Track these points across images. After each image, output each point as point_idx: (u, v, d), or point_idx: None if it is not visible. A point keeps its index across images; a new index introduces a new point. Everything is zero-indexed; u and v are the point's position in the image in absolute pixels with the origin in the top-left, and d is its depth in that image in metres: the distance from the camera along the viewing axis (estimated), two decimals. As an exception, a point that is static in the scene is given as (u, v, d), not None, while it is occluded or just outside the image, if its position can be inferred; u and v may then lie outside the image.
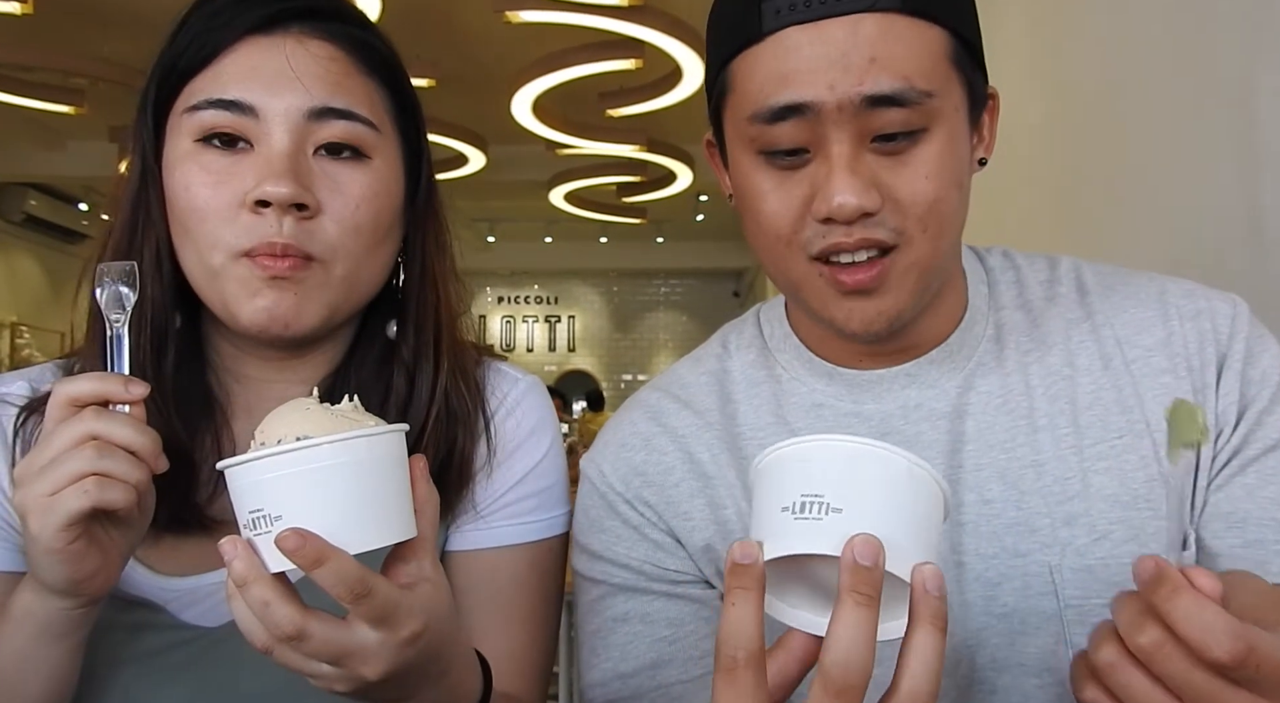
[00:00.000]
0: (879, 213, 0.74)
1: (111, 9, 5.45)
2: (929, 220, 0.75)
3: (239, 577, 0.59)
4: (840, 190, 0.72)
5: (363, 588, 0.58)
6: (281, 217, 0.77)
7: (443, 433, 0.88)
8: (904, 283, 0.76)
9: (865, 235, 0.74)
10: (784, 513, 0.58)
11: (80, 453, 0.64)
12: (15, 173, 8.43)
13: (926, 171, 0.74)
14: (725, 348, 0.95)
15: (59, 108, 6.03)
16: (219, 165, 0.79)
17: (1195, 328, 0.83)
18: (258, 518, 0.59)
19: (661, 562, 0.88)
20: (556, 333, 14.75)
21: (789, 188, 0.76)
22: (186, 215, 0.79)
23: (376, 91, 0.85)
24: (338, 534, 0.58)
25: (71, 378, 0.69)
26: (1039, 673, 0.79)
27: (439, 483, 0.88)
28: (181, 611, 0.83)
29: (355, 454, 0.60)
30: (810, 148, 0.75)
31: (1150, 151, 1.68)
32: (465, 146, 6.89)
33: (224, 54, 0.80)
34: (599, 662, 0.89)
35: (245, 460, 0.59)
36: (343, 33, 0.84)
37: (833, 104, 0.72)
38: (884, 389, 0.86)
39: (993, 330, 0.87)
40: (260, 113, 0.79)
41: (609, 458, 0.92)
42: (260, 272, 0.78)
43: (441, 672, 0.68)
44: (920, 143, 0.74)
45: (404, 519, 0.63)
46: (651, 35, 4.85)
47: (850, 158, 0.73)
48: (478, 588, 0.90)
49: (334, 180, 0.81)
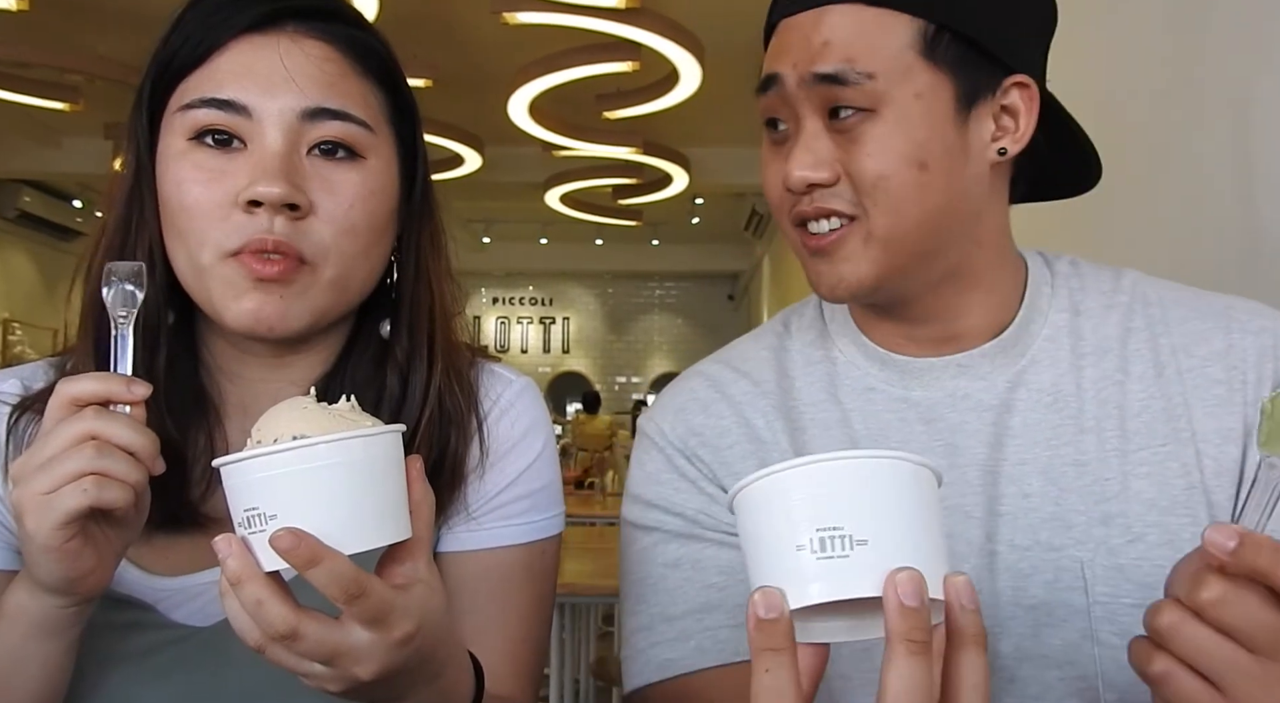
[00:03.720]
0: (837, 184, 0.81)
1: (108, 6, 5.43)
2: (877, 195, 0.80)
3: (233, 575, 0.58)
4: (794, 164, 0.82)
5: (357, 589, 0.58)
6: (273, 216, 0.77)
7: (435, 434, 0.87)
8: (864, 253, 0.82)
9: (821, 205, 0.82)
10: (801, 553, 0.53)
11: (80, 452, 0.64)
12: (9, 169, 8.41)
13: (870, 150, 0.80)
14: (786, 328, 0.99)
15: (54, 104, 6.03)
16: (212, 164, 0.78)
17: (1256, 343, 0.84)
18: (253, 516, 0.59)
19: (715, 513, 0.90)
20: (551, 334, 14.75)
21: (778, 160, 0.85)
22: (177, 213, 0.79)
23: (372, 92, 0.85)
24: (333, 534, 0.58)
25: (74, 377, 0.68)
26: (1060, 665, 0.80)
27: (431, 483, 0.88)
28: (172, 610, 0.82)
29: (352, 454, 0.59)
30: (786, 122, 0.85)
31: (1147, 161, 1.69)
32: (461, 147, 6.89)
33: (218, 53, 0.80)
34: (645, 607, 0.90)
35: (241, 458, 0.59)
36: (338, 32, 0.84)
37: (794, 79, 0.82)
38: (933, 377, 0.89)
39: (1049, 331, 0.89)
40: (254, 112, 0.78)
41: (668, 419, 0.95)
42: (248, 273, 0.77)
43: (434, 673, 0.68)
44: (868, 122, 0.80)
45: (400, 520, 0.62)
46: (648, 38, 4.86)
47: (809, 135, 0.82)
48: (470, 589, 0.89)
49: (327, 181, 0.80)
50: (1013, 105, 0.84)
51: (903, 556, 0.53)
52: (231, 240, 0.77)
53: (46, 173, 8.70)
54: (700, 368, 1.00)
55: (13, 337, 9.49)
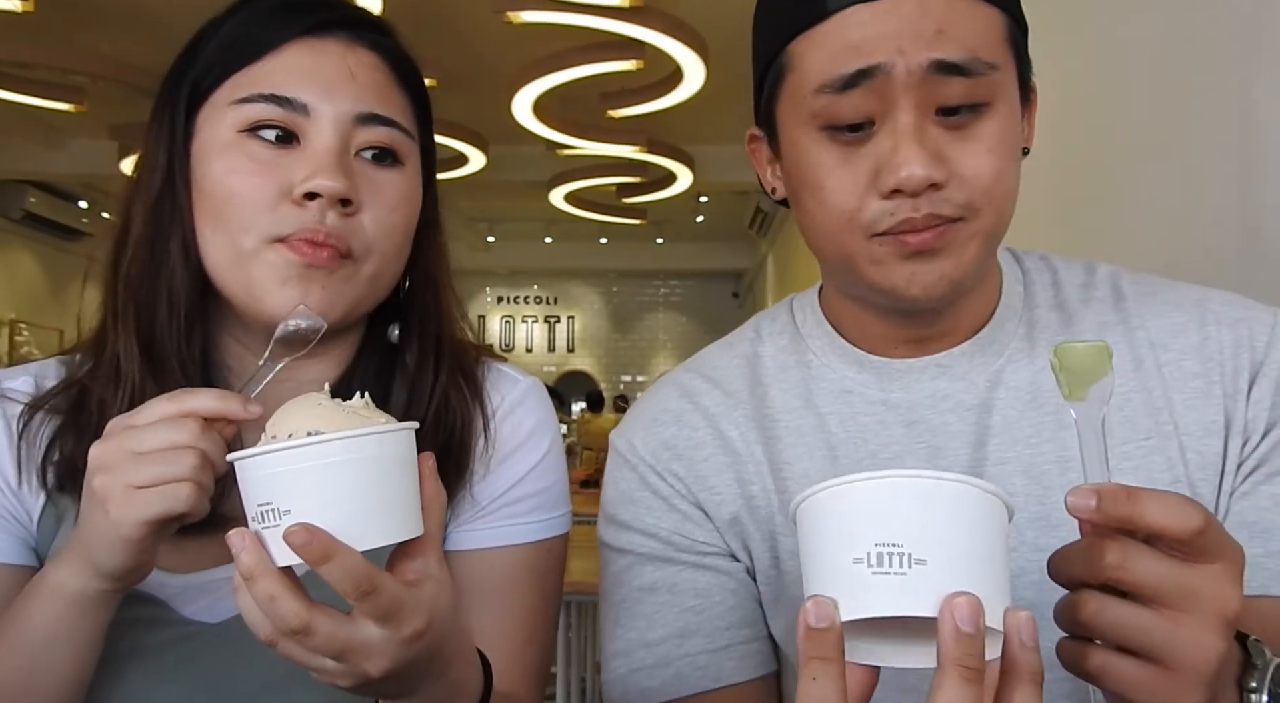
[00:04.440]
0: (945, 187, 0.74)
1: (112, 7, 5.44)
2: (994, 192, 0.76)
3: (246, 570, 0.59)
4: (908, 161, 0.73)
5: (369, 585, 0.59)
6: (326, 210, 0.80)
7: (441, 430, 0.89)
8: (967, 248, 0.77)
9: (933, 211, 0.74)
10: (857, 566, 0.52)
11: (185, 457, 0.67)
12: (14, 170, 8.42)
13: (990, 145, 0.75)
14: (758, 334, 0.97)
15: (59, 105, 6.03)
16: (265, 156, 0.81)
17: (1232, 334, 0.83)
18: (266, 511, 0.59)
19: (689, 533, 0.89)
20: (556, 333, 14.75)
21: (854, 163, 0.76)
22: (222, 201, 0.81)
23: (409, 103, 0.90)
24: (346, 530, 0.58)
25: (194, 392, 0.70)
26: (1051, 666, 0.79)
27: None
28: (183, 606, 0.83)
29: (366, 451, 0.60)
30: (876, 119, 0.75)
31: (1147, 155, 1.69)
32: (465, 146, 6.89)
33: (273, 53, 0.83)
34: (623, 631, 0.89)
35: (256, 453, 0.59)
36: (384, 44, 0.89)
37: (903, 67, 0.73)
38: (913, 378, 0.87)
39: (1025, 328, 0.88)
40: (312, 111, 0.82)
41: (639, 432, 0.93)
42: (296, 257, 0.80)
43: (443, 669, 0.68)
44: (983, 117, 0.75)
45: (411, 517, 0.63)
46: (652, 36, 4.86)
47: (916, 128, 0.74)
48: (476, 587, 0.90)
49: (374, 183, 0.84)
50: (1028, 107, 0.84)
51: (962, 580, 0.51)
52: (281, 227, 0.80)
53: (51, 174, 8.71)
54: (673, 376, 0.98)
55: (19, 337, 9.51)
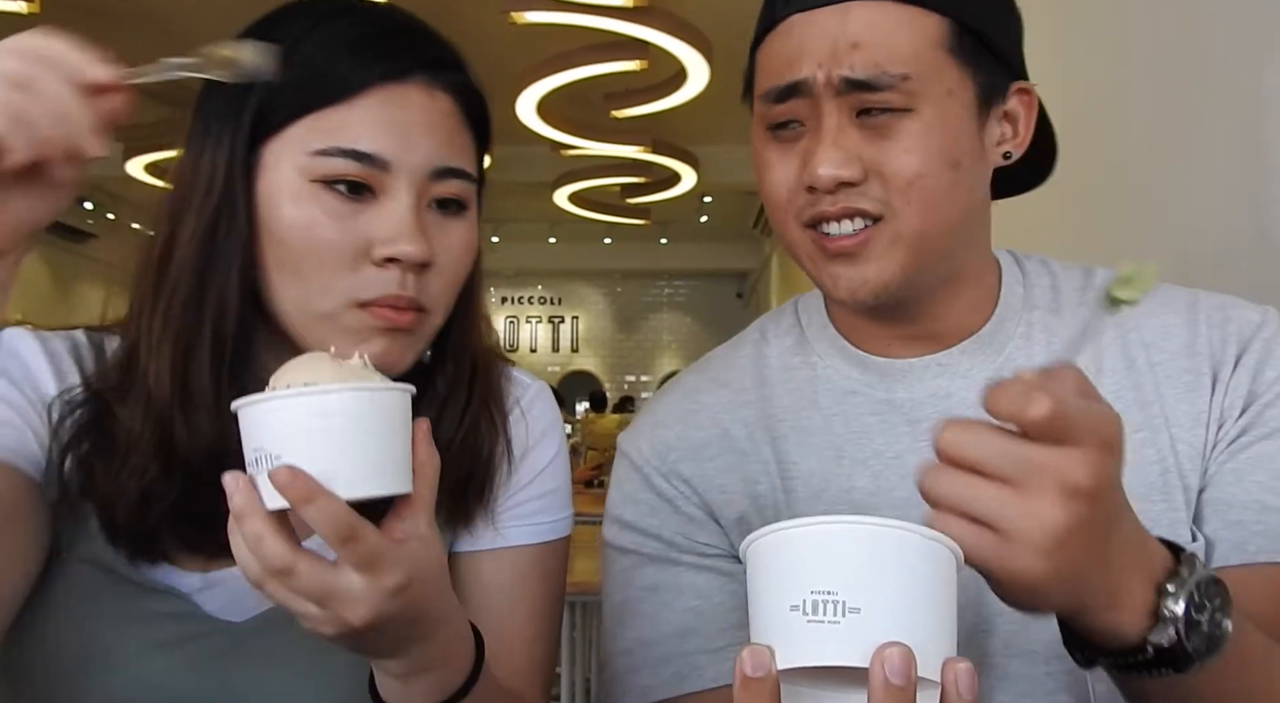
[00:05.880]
0: (862, 183, 0.79)
1: (118, 9, 5.45)
2: (911, 194, 0.79)
3: (237, 510, 0.61)
4: (821, 162, 0.78)
5: (349, 532, 0.60)
6: (406, 273, 0.79)
7: (468, 456, 0.89)
8: (891, 253, 0.80)
9: (848, 204, 0.79)
10: (793, 613, 0.52)
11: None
12: (21, 172, 8.44)
13: (907, 146, 0.78)
14: (763, 335, 0.98)
15: (65, 107, 6.04)
16: (341, 210, 0.79)
17: (1220, 333, 0.85)
18: (260, 457, 0.61)
19: (693, 535, 0.90)
20: (560, 333, 14.77)
21: (788, 160, 0.83)
22: (300, 255, 0.79)
23: (473, 142, 0.87)
24: (331, 478, 0.60)
25: None
26: (1048, 660, 0.80)
27: (459, 499, 0.89)
28: (207, 603, 0.83)
29: (359, 405, 0.62)
30: (805, 121, 0.81)
31: (1156, 152, 1.68)
32: (470, 147, 6.90)
33: (352, 98, 0.79)
34: (624, 630, 0.90)
35: (255, 401, 0.62)
36: (457, 83, 0.85)
37: (822, 80, 0.79)
38: (915, 378, 0.89)
39: (1024, 328, 0.90)
40: (392, 167, 0.79)
41: (645, 434, 0.94)
42: (378, 322, 0.79)
43: (429, 632, 0.69)
44: (904, 119, 0.78)
45: (400, 474, 0.65)
46: (657, 36, 4.87)
47: (835, 131, 0.79)
48: (484, 587, 0.91)
49: (443, 233, 0.83)
50: (1013, 111, 0.86)
51: (897, 629, 0.51)
52: (364, 292, 0.79)
53: (58, 175, 8.73)
54: (678, 381, 1.00)
55: (25, 338, 9.54)
